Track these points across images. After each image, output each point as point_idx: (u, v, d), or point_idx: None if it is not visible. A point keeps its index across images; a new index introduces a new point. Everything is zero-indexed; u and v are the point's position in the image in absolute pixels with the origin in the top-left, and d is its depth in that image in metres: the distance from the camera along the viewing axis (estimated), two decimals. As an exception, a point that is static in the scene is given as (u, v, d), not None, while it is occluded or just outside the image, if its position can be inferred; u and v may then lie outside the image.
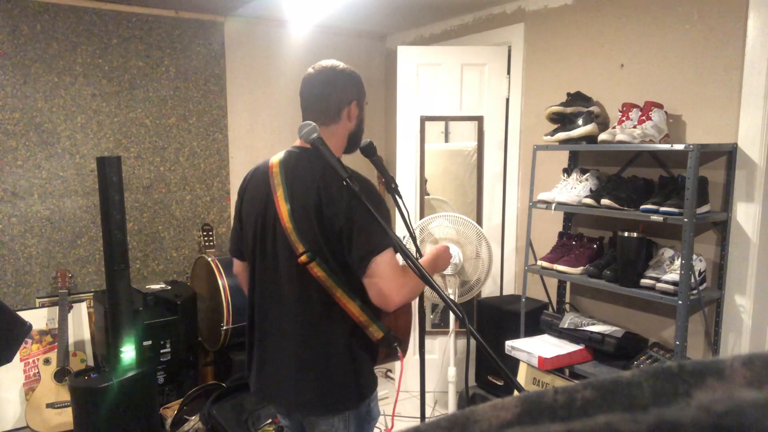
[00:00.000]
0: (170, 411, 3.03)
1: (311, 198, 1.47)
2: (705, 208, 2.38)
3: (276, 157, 1.61)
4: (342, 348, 1.52)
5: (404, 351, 1.59)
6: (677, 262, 2.35)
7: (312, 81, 1.59)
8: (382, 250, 1.43)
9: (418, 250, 1.83)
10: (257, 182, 1.62)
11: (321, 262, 1.47)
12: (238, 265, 1.78)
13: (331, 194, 1.45)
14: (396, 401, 1.65)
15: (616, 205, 2.46)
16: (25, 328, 1.75)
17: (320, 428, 1.56)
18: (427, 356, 3.10)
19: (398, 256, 1.48)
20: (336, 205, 1.44)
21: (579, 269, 2.67)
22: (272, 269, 1.57)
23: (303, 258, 1.47)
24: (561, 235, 2.96)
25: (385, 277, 1.43)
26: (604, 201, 2.50)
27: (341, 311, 1.50)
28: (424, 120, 3.48)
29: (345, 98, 1.58)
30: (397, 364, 3.60)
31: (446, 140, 4.21)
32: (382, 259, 1.42)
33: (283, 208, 1.50)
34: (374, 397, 1.62)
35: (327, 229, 1.46)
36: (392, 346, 1.54)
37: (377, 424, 3.27)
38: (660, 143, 2.46)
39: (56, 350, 3.11)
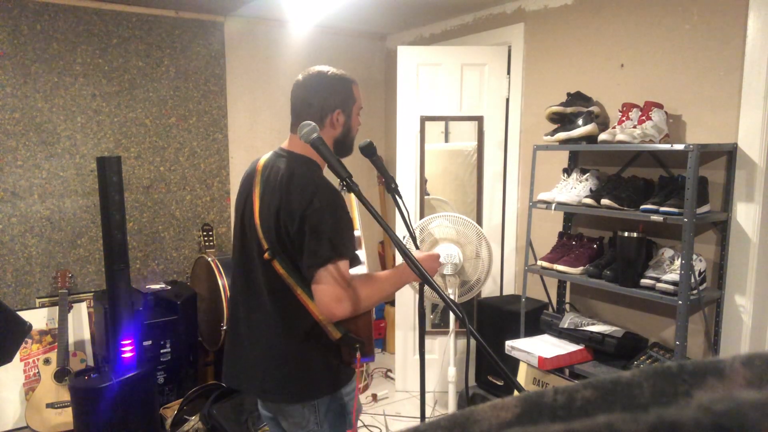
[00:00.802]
0: (170, 411, 3.03)
1: (274, 201, 1.53)
2: (705, 208, 2.38)
3: (264, 158, 1.68)
4: (305, 340, 1.56)
5: (366, 352, 1.59)
6: (677, 262, 2.35)
7: (298, 87, 1.64)
8: (327, 262, 1.45)
9: (418, 249, 1.83)
10: (245, 180, 1.70)
11: (281, 260, 1.53)
12: None
13: (290, 200, 1.49)
14: (355, 408, 1.65)
15: (616, 205, 2.46)
16: (25, 328, 1.76)
17: (291, 419, 1.60)
18: (427, 356, 3.10)
19: (359, 269, 1.51)
20: (292, 212, 1.48)
21: (579, 269, 2.67)
22: (247, 263, 1.64)
23: (266, 255, 1.53)
24: (561, 235, 2.96)
25: (327, 288, 1.45)
26: (604, 201, 2.50)
27: (304, 307, 1.54)
28: (424, 120, 3.48)
29: (328, 105, 1.60)
30: (392, 364, 3.60)
31: (446, 140, 4.21)
32: (326, 271, 1.45)
33: (256, 206, 1.58)
34: (348, 392, 1.64)
35: (282, 232, 1.51)
36: (353, 347, 1.56)
37: (376, 425, 3.27)
38: (660, 143, 2.46)
39: (56, 350, 3.11)
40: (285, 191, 1.51)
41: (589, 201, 2.59)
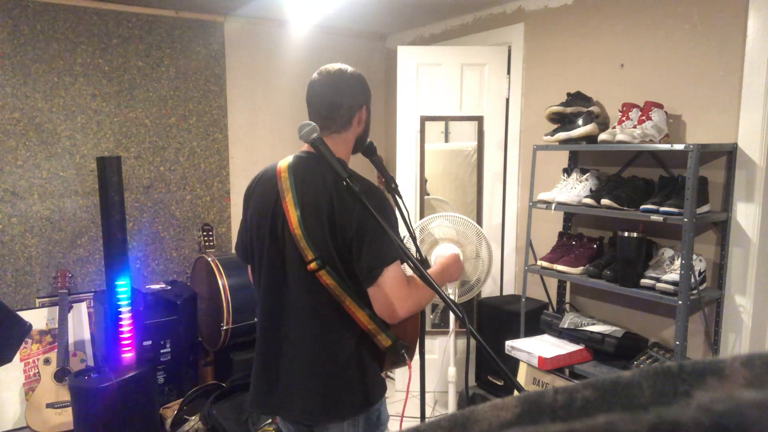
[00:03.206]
0: (170, 411, 3.03)
1: (323, 204, 1.44)
2: (705, 208, 2.38)
3: (284, 162, 1.56)
4: (349, 355, 1.51)
5: (411, 356, 1.58)
6: (677, 262, 2.35)
7: (321, 88, 1.53)
8: (392, 261, 1.42)
9: (418, 250, 1.83)
10: (264, 187, 1.57)
11: (331, 269, 1.45)
12: (251, 270, 1.73)
13: (344, 202, 1.42)
14: (405, 404, 1.64)
15: (616, 205, 2.46)
16: (25, 328, 1.76)
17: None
18: (427, 356, 3.10)
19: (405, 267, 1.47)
20: (349, 213, 1.42)
21: (579, 269, 2.67)
22: (280, 277, 1.54)
23: (312, 265, 1.44)
24: (561, 235, 2.96)
25: (392, 288, 1.41)
26: (604, 201, 2.50)
27: (350, 319, 1.48)
28: (424, 120, 3.48)
29: (356, 104, 1.55)
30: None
31: (446, 140, 4.21)
32: (390, 271, 1.41)
33: (293, 214, 1.47)
34: (383, 402, 1.61)
35: (338, 236, 1.43)
36: (400, 354, 1.53)
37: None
38: (660, 143, 2.47)
39: (56, 350, 3.11)
40: (336, 193, 1.43)
41: (589, 201, 2.59)
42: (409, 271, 1.50)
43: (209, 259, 3.36)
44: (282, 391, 1.56)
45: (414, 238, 1.79)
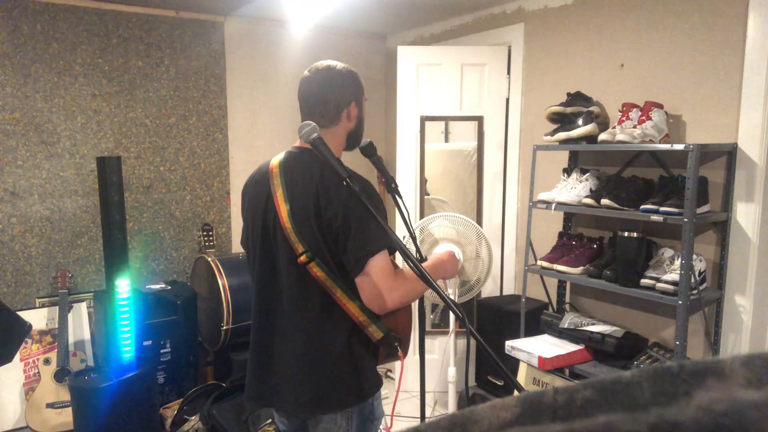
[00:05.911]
0: (170, 411, 3.03)
1: (310, 198, 1.47)
2: (705, 208, 2.38)
3: (276, 159, 1.61)
4: (342, 347, 1.52)
5: (405, 351, 1.59)
6: (677, 262, 2.35)
7: (309, 84, 1.58)
8: (377, 252, 1.44)
9: (418, 250, 1.83)
10: (258, 183, 1.62)
11: (320, 262, 1.48)
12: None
13: (329, 195, 1.45)
14: (395, 401, 1.65)
15: (616, 205, 2.46)
16: (25, 328, 1.75)
17: (323, 425, 1.56)
18: (427, 356, 3.10)
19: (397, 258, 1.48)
20: (334, 206, 1.45)
21: (579, 269, 2.67)
22: (272, 270, 1.57)
23: (302, 258, 1.47)
24: (561, 235, 2.96)
25: (378, 278, 1.43)
26: (604, 201, 2.50)
27: (341, 311, 1.50)
28: (424, 120, 3.48)
29: (343, 99, 1.58)
30: (398, 363, 3.60)
31: (446, 140, 4.21)
32: (376, 261, 1.43)
33: (283, 209, 1.51)
34: (377, 397, 1.62)
35: (325, 229, 1.46)
36: (393, 346, 1.54)
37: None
38: (660, 143, 2.47)
39: (56, 350, 3.11)
40: (322, 186, 1.46)
41: (589, 201, 2.59)
42: (399, 263, 1.51)
43: (209, 259, 3.36)
44: (275, 384, 1.59)
45: (414, 238, 1.79)
